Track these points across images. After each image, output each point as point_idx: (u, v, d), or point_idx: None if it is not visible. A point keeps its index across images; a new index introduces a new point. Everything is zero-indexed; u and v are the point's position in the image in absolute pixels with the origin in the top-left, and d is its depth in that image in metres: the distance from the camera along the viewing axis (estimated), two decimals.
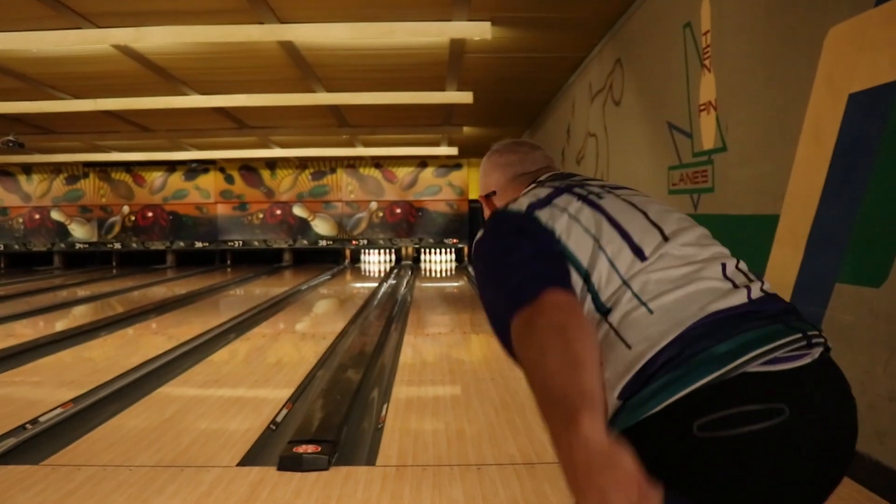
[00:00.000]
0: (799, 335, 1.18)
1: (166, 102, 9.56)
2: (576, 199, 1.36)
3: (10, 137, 10.80)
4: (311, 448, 3.45)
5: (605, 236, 1.29)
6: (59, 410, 4.43)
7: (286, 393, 4.87)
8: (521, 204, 1.38)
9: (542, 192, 1.41)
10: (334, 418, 4.05)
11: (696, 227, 1.40)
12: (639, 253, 1.27)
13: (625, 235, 1.30)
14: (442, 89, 9.44)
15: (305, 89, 9.28)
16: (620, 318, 1.21)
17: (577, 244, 1.28)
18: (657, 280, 1.23)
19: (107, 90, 9.30)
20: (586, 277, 1.26)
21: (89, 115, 10.60)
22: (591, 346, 1.12)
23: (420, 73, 8.70)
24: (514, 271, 1.24)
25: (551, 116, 10.51)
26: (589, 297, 1.25)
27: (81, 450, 3.71)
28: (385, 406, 4.45)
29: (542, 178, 1.60)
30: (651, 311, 1.20)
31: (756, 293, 1.25)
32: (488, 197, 1.76)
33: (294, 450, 3.46)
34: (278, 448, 3.61)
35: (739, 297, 1.23)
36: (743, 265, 1.33)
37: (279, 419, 4.19)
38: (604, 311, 1.23)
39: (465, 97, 9.55)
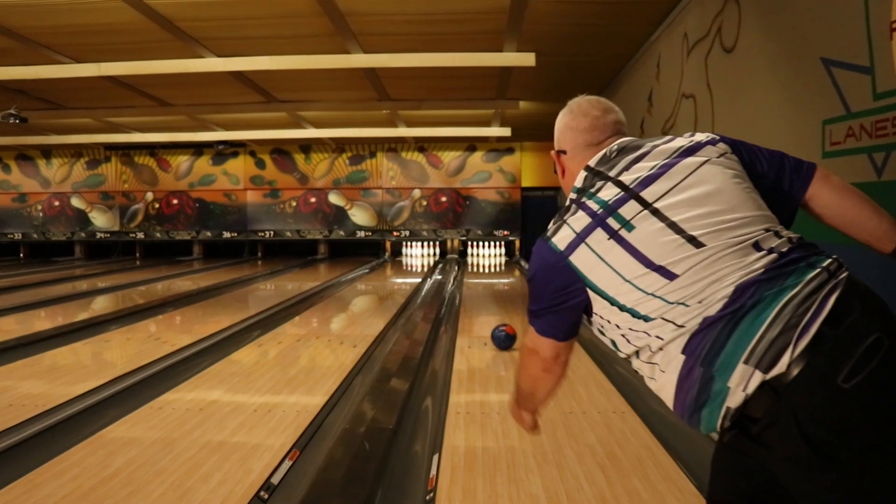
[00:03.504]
0: (823, 274, 1.41)
1: (180, 66, 8.25)
2: (607, 235, 1.52)
3: (11, 111, 9.63)
4: None
5: (630, 272, 1.50)
6: None
7: (310, 404, 3.48)
8: (562, 238, 1.58)
9: (580, 222, 1.56)
10: (358, 488, 2.63)
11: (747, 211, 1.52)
12: (667, 275, 1.46)
13: (649, 265, 1.48)
14: (499, 49, 7.97)
15: (339, 49, 7.89)
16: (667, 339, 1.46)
17: (605, 281, 1.53)
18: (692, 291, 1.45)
19: (111, 52, 8.02)
20: (617, 304, 1.53)
21: (99, 86, 9.40)
22: (544, 389, 1.77)
23: (474, 27, 7.25)
24: (538, 302, 1.64)
25: (626, 84, 8.97)
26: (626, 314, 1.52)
27: None
28: (436, 458, 3.00)
29: (600, 158, 1.69)
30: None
31: (777, 259, 1.45)
32: (559, 153, 1.84)
33: None
34: None
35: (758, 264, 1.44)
36: (780, 229, 1.53)
37: (275, 479, 2.78)
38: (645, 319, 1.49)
39: (527, 59, 8.06)
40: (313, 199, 16.23)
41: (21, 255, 17.09)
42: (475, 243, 16.30)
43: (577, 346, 5.62)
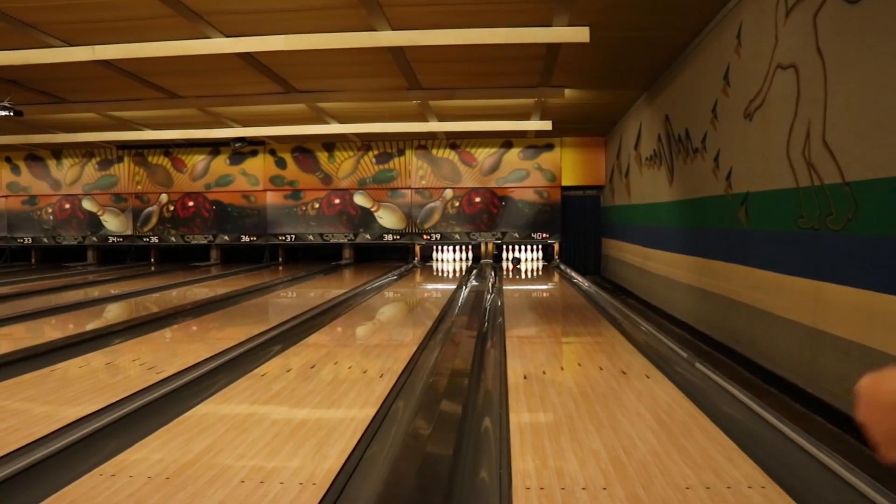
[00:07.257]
0: None
1: (183, 48, 7.28)
2: None
3: (4, 103, 8.73)
4: None
5: None
6: None
7: (320, 469, 2.44)
8: None
9: None
10: None
11: None
12: None
13: None
14: (548, 24, 6.89)
15: (363, 25, 6.86)
16: None
17: None
18: None
19: (106, 31, 7.07)
20: None
21: (99, 74, 8.49)
22: None
23: None
24: None
25: (693, 62, 7.82)
26: None
27: None
28: None
29: None
30: None
31: None
32: None
33: None
34: None
35: None
36: None
37: None
38: None
39: (580, 34, 6.97)
40: (337, 201, 15.23)
41: (32, 260, 16.47)
42: (511, 247, 15.22)
43: (661, 375, 4.51)
